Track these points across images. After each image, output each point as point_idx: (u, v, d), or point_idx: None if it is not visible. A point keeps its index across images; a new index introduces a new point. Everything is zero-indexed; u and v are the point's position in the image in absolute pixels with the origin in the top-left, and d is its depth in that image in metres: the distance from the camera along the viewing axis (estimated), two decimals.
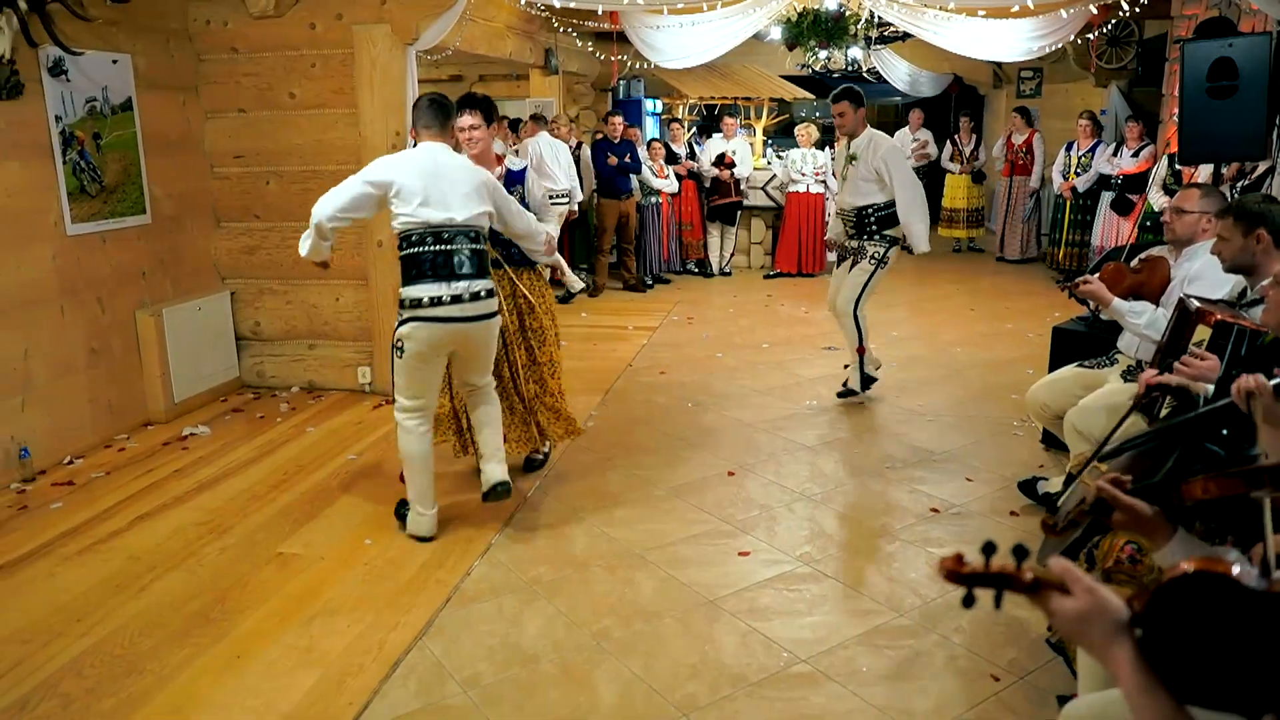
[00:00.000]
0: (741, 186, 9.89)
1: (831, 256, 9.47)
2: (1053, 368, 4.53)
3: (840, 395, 5.55)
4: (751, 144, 10.72)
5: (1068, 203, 9.15)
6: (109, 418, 5.02)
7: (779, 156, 10.35)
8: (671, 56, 8.40)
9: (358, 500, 4.20)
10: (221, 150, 5.72)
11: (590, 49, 9.38)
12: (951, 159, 11.01)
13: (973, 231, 11.19)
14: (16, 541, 3.81)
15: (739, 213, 10.02)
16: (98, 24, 4.61)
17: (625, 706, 2.71)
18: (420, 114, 3.63)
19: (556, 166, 7.29)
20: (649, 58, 8.60)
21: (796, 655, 2.95)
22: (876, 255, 5.23)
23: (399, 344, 3.55)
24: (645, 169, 9.22)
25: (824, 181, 9.65)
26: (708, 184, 9.83)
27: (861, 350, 5.39)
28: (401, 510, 3.88)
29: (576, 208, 7.92)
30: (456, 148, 3.75)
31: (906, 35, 8.72)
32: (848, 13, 8.03)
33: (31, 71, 4.39)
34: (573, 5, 6.69)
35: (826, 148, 9.81)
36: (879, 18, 8.02)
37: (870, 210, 5.21)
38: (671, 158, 9.59)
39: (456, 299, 3.48)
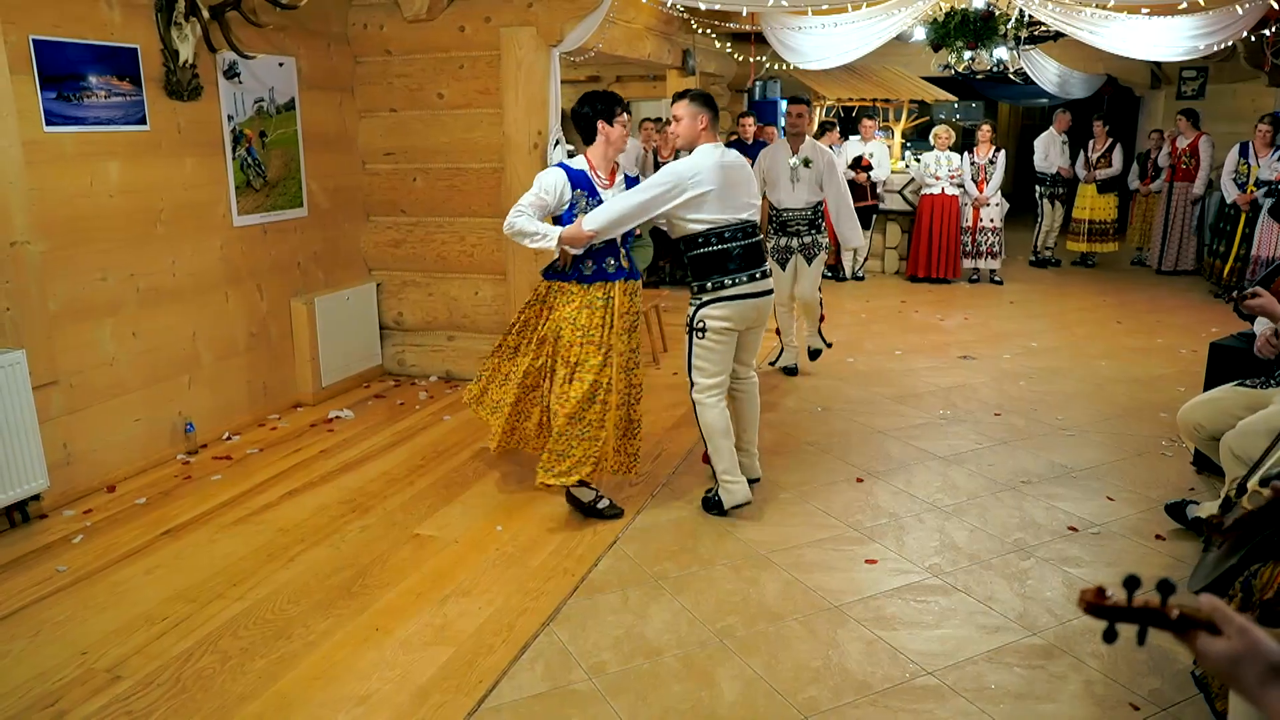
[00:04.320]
0: (878, 190, 9.71)
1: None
2: (1208, 386, 4.28)
3: (806, 360, 6.46)
4: (889, 146, 10.50)
5: (1243, 214, 8.47)
6: (264, 398, 5.35)
7: (916, 159, 10.11)
8: (811, 58, 8.30)
9: (490, 488, 4.34)
10: (373, 148, 6.00)
11: (728, 49, 9.39)
12: (1082, 165, 10.23)
13: (1095, 245, 10.33)
14: (182, 509, 4.12)
15: (874, 216, 9.85)
16: (268, 29, 4.91)
17: (747, 705, 2.72)
18: (710, 113, 3.86)
19: None
20: (787, 59, 8.53)
21: (923, 667, 2.90)
22: (829, 245, 6.21)
23: (701, 326, 3.89)
24: None
25: (961, 184, 9.39)
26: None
27: (822, 319, 6.32)
28: (709, 499, 4.06)
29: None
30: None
31: (1058, 35, 8.36)
32: (997, 12, 7.76)
33: (209, 74, 4.73)
34: (717, 7, 6.71)
35: (965, 152, 9.53)
36: (1030, 17, 7.72)
37: (819, 206, 6.06)
38: None
39: (752, 278, 3.87)
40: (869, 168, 9.45)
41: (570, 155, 6.38)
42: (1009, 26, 7.88)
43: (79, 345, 4.21)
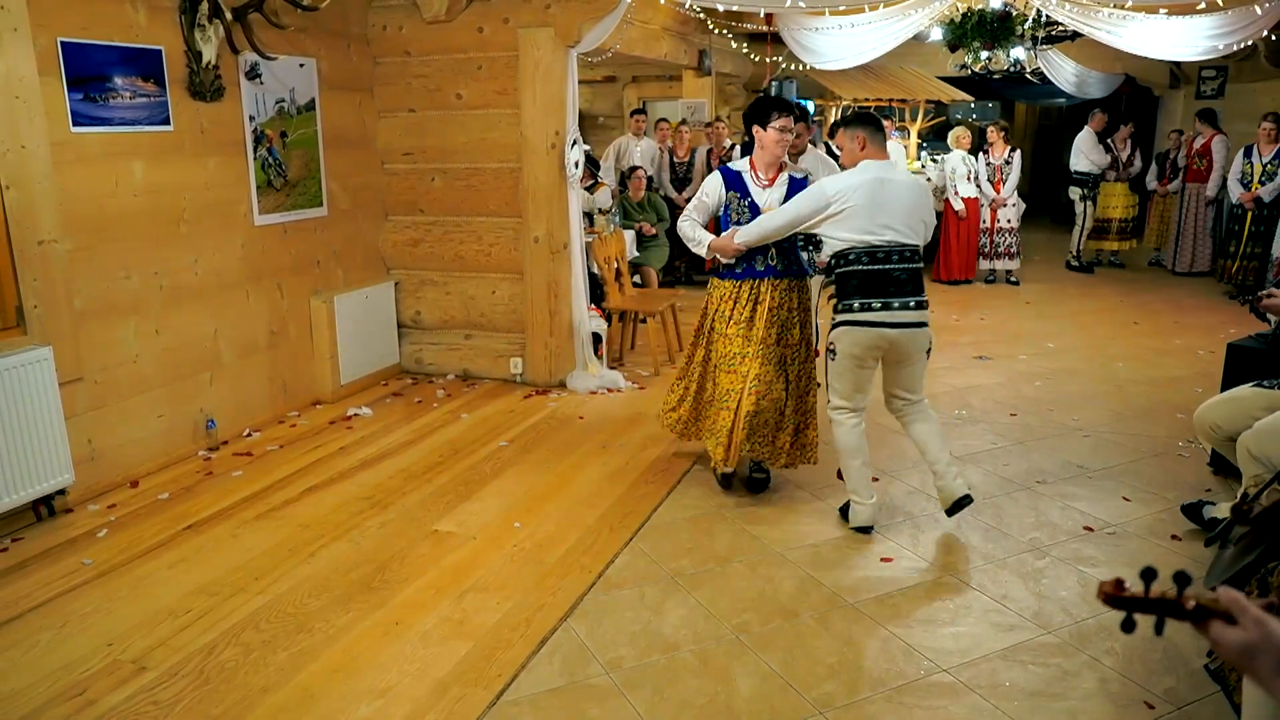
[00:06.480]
0: None
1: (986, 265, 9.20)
2: (1226, 387, 4.28)
3: None
4: (905, 146, 10.49)
5: (1248, 213, 8.51)
6: (283, 395, 5.40)
7: (933, 160, 10.08)
8: (828, 58, 8.32)
9: (508, 485, 4.38)
10: (392, 147, 6.05)
11: (744, 50, 9.41)
12: (1109, 166, 10.22)
13: (1125, 244, 10.35)
14: (204, 504, 4.18)
15: None
16: (289, 31, 4.96)
17: (762, 699, 2.75)
18: (867, 130, 3.75)
19: None
20: (804, 59, 8.55)
21: (937, 664, 2.92)
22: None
23: (831, 347, 3.79)
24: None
25: (978, 185, 9.37)
26: None
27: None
28: (844, 509, 3.99)
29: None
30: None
31: (1076, 35, 8.34)
32: (1014, 12, 7.76)
33: (231, 75, 4.78)
34: (734, 8, 6.73)
35: (980, 153, 9.50)
36: (1047, 17, 7.71)
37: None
38: None
39: (887, 306, 3.65)
40: None
41: (593, 161, 6.34)
42: (1026, 26, 7.87)
43: (103, 342, 4.27)
